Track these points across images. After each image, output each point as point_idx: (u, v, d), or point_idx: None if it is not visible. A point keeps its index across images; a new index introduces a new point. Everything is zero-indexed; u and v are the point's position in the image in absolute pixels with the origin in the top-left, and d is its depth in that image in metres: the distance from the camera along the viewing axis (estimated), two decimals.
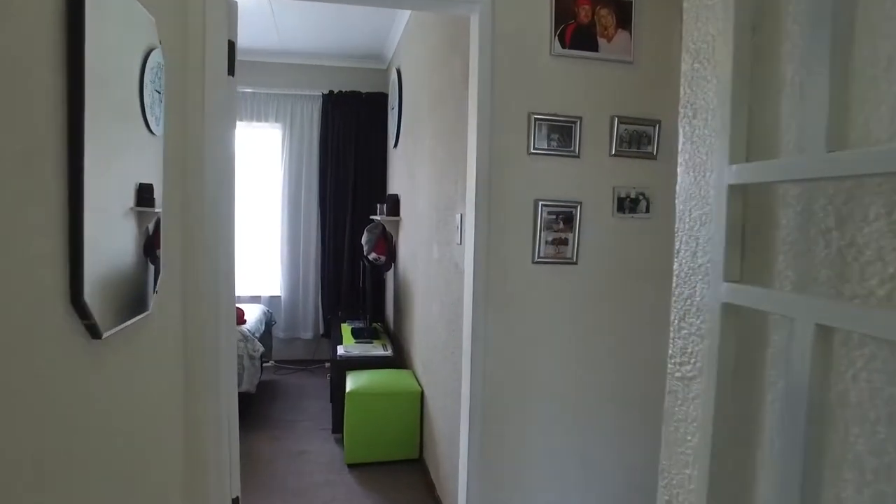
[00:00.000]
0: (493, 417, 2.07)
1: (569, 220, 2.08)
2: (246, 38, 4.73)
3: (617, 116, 2.09)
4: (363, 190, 5.19)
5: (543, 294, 2.08)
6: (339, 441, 3.52)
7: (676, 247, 0.98)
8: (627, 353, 2.19)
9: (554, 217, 2.06)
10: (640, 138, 2.13)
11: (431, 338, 3.04)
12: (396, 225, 4.47)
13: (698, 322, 0.89)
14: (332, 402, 3.78)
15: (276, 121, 5.20)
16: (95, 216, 0.98)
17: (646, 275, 2.16)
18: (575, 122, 2.06)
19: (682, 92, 0.96)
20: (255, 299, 5.24)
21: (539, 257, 2.06)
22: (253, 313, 4.33)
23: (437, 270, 2.88)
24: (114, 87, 1.08)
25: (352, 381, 3.31)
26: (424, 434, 3.28)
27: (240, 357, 3.65)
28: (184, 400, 1.72)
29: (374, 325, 4.43)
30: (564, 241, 2.08)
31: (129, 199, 1.18)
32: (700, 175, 0.89)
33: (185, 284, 1.72)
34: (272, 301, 5.29)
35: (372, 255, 4.32)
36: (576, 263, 2.10)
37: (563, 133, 2.06)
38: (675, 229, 0.98)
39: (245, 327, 3.85)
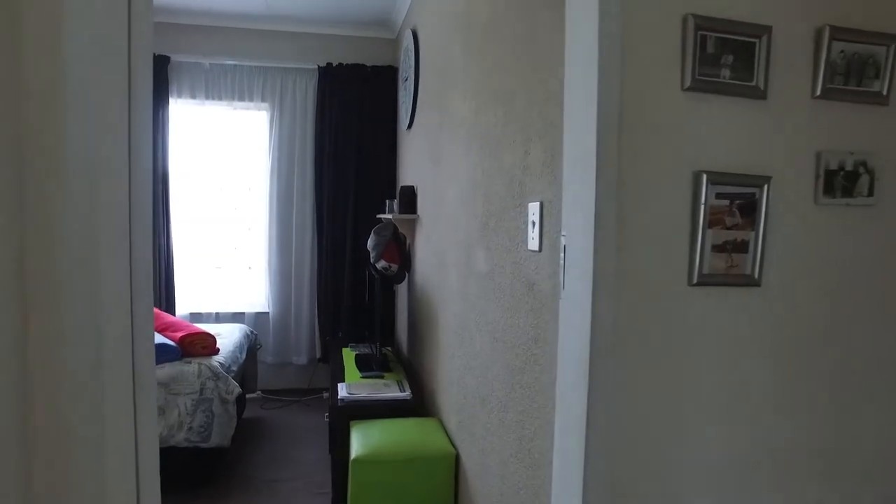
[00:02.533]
0: None
1: (749, 209, 1.18)
2: (227, 0, 3.85)
3: (829, 26, 1.20)
4: (368, 183, 4.29)
5: (709, 341, 1.18)
6: None
7: None
8: (875, 450, 1.29)
9: (726, 204, 1.16)
10: (864, 68, 1.23)
11: (475, 387, 2.14)
12: (412, 224, 3.58)
13: None
14: (331, 452, 2.87)
15: (263, 100, 4.31)
16: None
17: (888, 304, 1.27)
18: (759, 37, 1.17)
19: None
20: (237, 317, 4.33)
21: (701, 274, 1.16)
22: (230, 337, 3.42)
23: (486, 290, 1.98)
24: None
25: (358, 439, 2.40)
26: None
27: (208, 401, 2.75)
28: None
29: (385, 351, 3.53)
30: (742, 246, 1.18)
31: None
32: None
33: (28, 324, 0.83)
34: (258, 319, 4.37)
35: (381, 264, 3.42)
36: (759, 285, 1.20)
37: (740, 55, 1.16)
38: None
39: (216, 360, 2.94)
